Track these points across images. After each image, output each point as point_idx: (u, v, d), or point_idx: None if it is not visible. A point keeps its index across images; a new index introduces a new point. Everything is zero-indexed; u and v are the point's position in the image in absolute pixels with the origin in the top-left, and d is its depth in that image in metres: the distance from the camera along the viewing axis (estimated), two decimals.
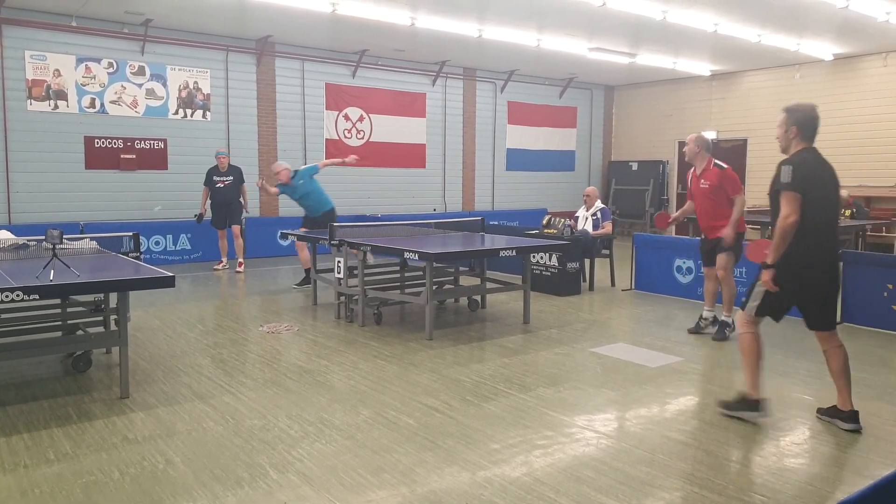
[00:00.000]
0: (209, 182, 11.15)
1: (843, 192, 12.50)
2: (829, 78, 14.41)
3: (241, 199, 11.36)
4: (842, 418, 4.43)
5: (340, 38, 12.79)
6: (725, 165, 6.70)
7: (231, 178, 11.16)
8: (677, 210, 8.50)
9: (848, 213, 11.81)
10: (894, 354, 6.41)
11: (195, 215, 11.23)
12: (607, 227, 9.84)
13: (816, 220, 4.27)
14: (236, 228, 11.32)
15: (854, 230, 11.78)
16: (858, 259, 7.64)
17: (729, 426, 4.49)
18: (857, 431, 4.33)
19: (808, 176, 4.27)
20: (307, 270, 9.27)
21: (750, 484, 3.66)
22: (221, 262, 11.53)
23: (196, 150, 12.51)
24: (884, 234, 12.44)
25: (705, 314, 7.11)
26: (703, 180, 6.72)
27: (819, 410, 4.65)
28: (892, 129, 13.39)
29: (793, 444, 4.22)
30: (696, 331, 7.07)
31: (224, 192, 11.12)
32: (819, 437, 4.35)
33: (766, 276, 4.34)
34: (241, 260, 11.36)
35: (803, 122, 4.44)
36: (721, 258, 6.72)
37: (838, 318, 7.36)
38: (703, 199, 6.77)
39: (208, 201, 11.25)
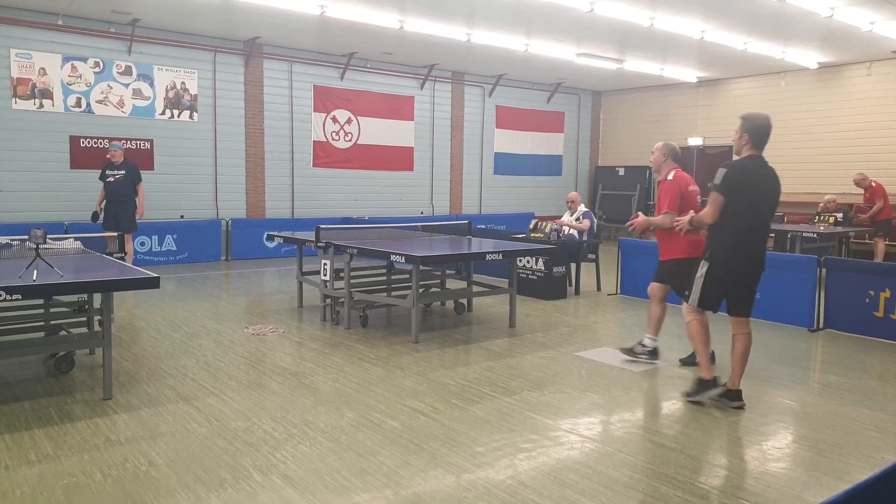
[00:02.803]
0: (103, 177, 10.08)
1: (829, 197, 12.69)
2: (813, 86, 14.56)
3: (136, 201, 10.17)
4: (730, 397, 4.92)
5: (329, 40, 12.78)
6: (671, 177, 5.94)
7: (123, 172, 10.01)
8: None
9: (832, 219, 11.92)
10: (875, 360, 6.48)
11: (92, 213, 10.12)
12: (584, 224, 9.84)
13: (741, 223, 4.74)
14: (128, 236, 9.80)
15: (838, 237, 11.90)
16: (841, 266, 7.71)
17: (711, 430, 4.52)
18: (742, 408, 4.88)
19: (740, 182, 4.69)
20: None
21: (732, 487, 3.69)
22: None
23: (183, 150, 12.46)
24: (867, 241, 12.57)
25: (647, 341, 6.24)
26: (660, 192, 6.11)
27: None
28: (876, 137, 13.54)
29: (774, 449, 4.26)
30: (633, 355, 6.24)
31: (114, 186, 9.95)
32: (800, 441, 4.39)
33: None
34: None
35: (755, 131, 4.76)
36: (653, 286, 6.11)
37: (820, 324, 7.48)
38: (657, 212, 6.07)
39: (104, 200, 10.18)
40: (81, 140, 11.50)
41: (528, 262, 9.44)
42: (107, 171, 10.06)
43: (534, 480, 3.71)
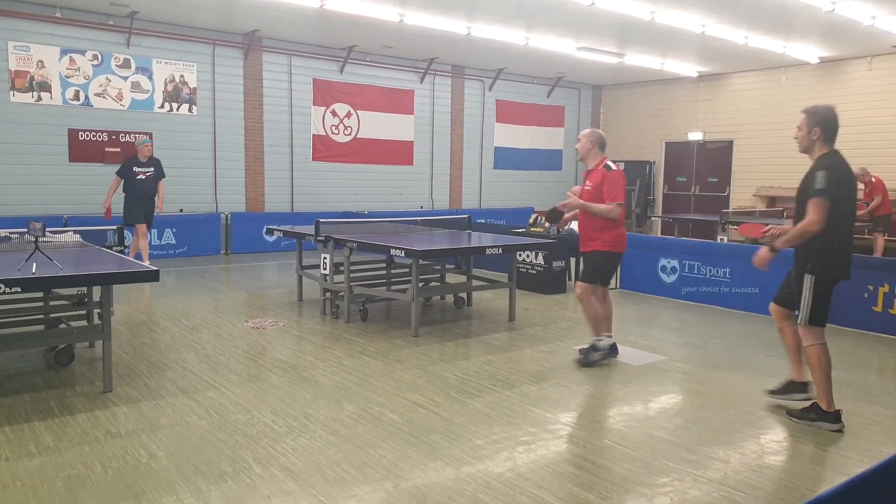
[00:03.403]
0: (127, 173, 10.01)
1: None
2: (814, 81, 14.54)
3: (157, 198, 10.32)
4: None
5: (328, 33, 12.75)
6: (615, 167, 5.77)
7: (152, 169, 10.15)
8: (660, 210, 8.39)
9: None
10: (874, 355, 6.49)
11: (106, 212, 9.97)
12: None
13: (842, 226, 4.36)
14: (142, 230, 10.15)
15: None
16: None
17: (710, 424, 4.53)
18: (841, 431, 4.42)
19: (841, 182, 4.31)
20: None
21: (730, 480, 3.70)
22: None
23: (182, 144, 12.44)
24: (866, 236, 12.58)
25: (599, 344, 5.92)
26: (588, 181, 5.85)
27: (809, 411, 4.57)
28: (876, 132, 13.53)
29: (773, 442, 4.27)
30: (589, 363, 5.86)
31: (147, 184, 10.08)
32: (799, 435, 4.40)
33: (765, 253, 4.52)
34: (146, 262, 10.18)
35: (826, 124, 4.42)
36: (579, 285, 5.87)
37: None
38: (590, 200, 5.77)
39: (122, 196, 10.10)
40: (80, 133, 11.48)
41: (527, 256, 9.45)
42: (135, 168, 10.04)
43: (533, 473, 3.72)
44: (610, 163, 5.82)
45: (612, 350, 5.97)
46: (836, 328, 7.39)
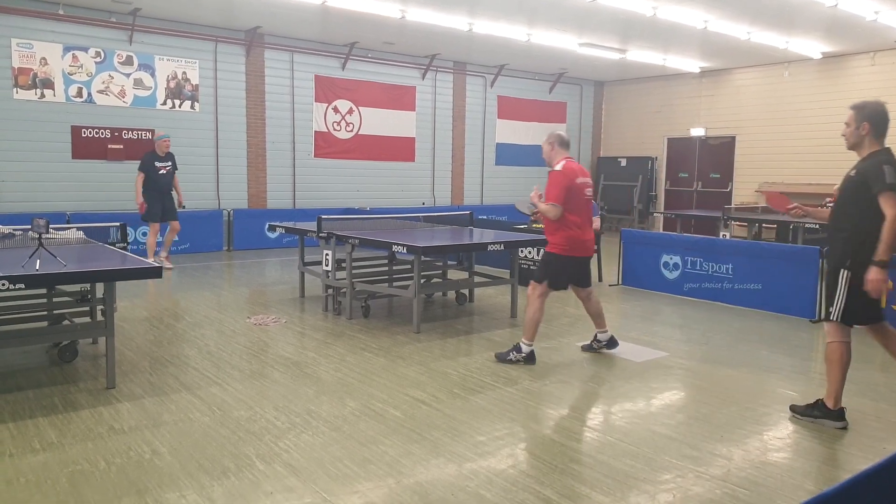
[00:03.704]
0: (149, 168, 10.12)
1: (836, 187, 12.63)
2: (817, 76, 14.50)
3: (175, 191, 10.50)
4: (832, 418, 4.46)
5: (330, 30, 12.74)
6: (561, 166, 5.58)
7: (170, 163, 10.29)
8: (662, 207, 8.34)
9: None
10: (877, 351, 6.44)
11: (140, 206, 10.14)
12: (595, 223, 9.83)
13: (880, 223, 4.12)
14: (176, 224, 10.54)
15: None
16: None
17: (713, 420, 4.53)
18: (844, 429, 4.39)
19: None
20: None
21: (733, 477, 3.70)
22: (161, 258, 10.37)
23: (184, 141, 12.43)
24: None
25: (599, 336, 6.15)
26: (548, 181, 5.72)
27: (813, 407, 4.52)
28: None
29: (776, 439, 4.27)
30: (590, 349, 6.19)
31: (167, 179, 10.25)
32: (802, 432, 4.40)
33: (877, 274, 4.08)
34: (166, 254, 10.60)
35: (875, 119, 4.27)
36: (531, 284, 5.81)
37: (822, 315, 7.44)
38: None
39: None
40: (83, 130, 11.49)
41: (529, 252, 9.44)
42: (156, 164, 10.18)
43: (535, 469, 3.72)
44: (563, 161, 5.62)
45: (611, 342, 6.08)
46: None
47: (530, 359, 5.72)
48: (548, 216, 5.55)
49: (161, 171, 10.20)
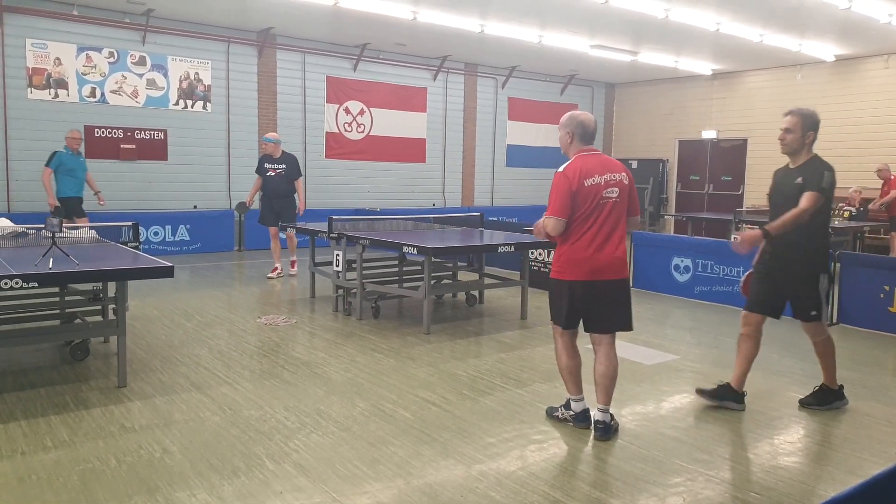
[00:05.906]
0: (261, 170, 9.77)
1: (855, 188, 12.53)
2: (830, 79, 14.42)
3: (296, 198, 9.79)
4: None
5: (342, 31, 12.77)
6: (562, 168, 4.38)
7: (284, 166, 9.65)
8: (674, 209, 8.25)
9: (846, 213, 11.82)
10: (888, 355, 6.44)
11: (238, 203, 10.19)
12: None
13: (826, 224, 4.71)
14: (291, 232, 9.80)
15: (852, 232, 11.80)
16: (855, 260, 7.66)
17: (723, 423, 4.51)
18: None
19: (833, 184, 4.53)
20: None
21: (743, 481, 3.69)
22: (275, 268, 9.91)
23: (196, 141, 12.51)
24: (882, 235, 12.47)
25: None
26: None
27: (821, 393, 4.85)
28: (893, 131, 13.40)
29: (786, 443, 4.24)
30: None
31: (276, 182, 9.61)
32: (813, 436, 4.37)
33: (752, 236, 4.56)
34: (293, 258, 10.16)
35: (817, 128, 4.58)
36: None
37: (833, 319, 7.41)
38: None
39: (258, 193, 9.91)
40: (96, 130, 11.57)
41: (539, 254, 9.43)
42: (265, 165, 9.68)
43: (545, 472, 3.72)
44: (574, 158, 4.43)
45: (582, 416, 4.39)
46: (851, 329, 7.34)
47: (580, 420, 4.37)
48: (547, 231, 4.29)
49: (269, 173, 9.62)
